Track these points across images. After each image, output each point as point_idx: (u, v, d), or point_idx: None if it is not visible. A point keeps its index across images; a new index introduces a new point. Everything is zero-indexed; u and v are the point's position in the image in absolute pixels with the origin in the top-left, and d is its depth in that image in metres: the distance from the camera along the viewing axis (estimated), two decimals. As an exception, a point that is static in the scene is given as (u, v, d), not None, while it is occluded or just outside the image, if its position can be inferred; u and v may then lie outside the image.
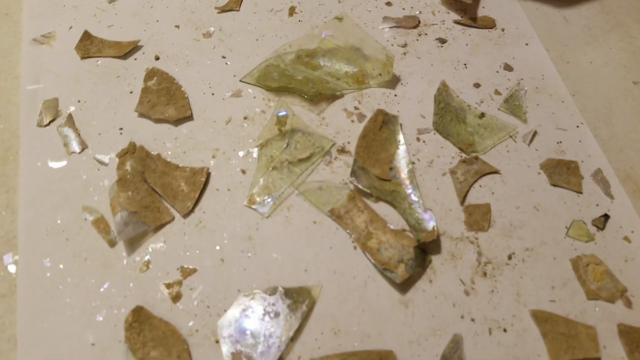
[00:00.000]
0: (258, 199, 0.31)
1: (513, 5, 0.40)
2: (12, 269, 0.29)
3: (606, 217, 0.31)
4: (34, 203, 0.31)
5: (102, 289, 0.28)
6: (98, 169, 0.32)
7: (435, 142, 0.34)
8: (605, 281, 0.29)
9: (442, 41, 0.38)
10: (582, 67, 0.37)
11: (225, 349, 0.27)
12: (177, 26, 0.38)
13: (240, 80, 0.35)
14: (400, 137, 0.33)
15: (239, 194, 0.32)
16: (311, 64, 0.36)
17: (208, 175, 0.32)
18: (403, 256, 0.29)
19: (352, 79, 0.35)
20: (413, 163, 0.33)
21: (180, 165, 0.32)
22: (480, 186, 0.32)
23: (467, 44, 0.38)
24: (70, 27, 0.38)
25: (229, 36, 0.38)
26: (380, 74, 0.35)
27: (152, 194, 0.31)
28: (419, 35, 0.38)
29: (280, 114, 0.34)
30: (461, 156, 0.33)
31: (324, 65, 0.36)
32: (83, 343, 0.27)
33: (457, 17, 0.39)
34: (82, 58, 0.36)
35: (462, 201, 0.31)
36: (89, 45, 0.37)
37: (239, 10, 0.39)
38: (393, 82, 0.36)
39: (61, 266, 0.29)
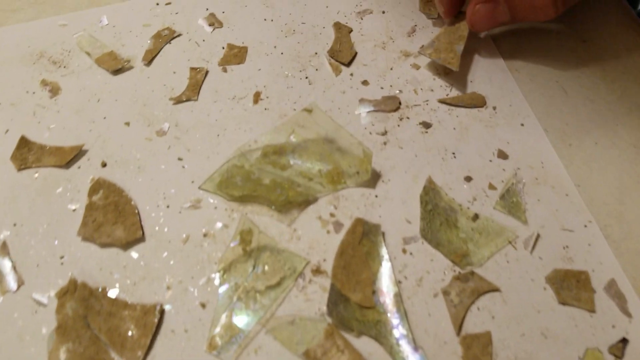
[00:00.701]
0: (220, 342, 0.27)
1: (505, 76, 0.36)
2: None
3: (624, 341, 0.27)
4: (-41, 359, 0.27)
5: None
6: (35, 312, 0.28)
7: (424, 254, 0.30)
8: None
9: (427, 125, 0.34)
10: (586, 150, 0.33)
11: None
12: (127, 123, 0.34)
13: (199, 188, 0.31)
14: (384, 251, 0.29)
15: (198, 335, 0.28)
16: (279, 163, 0.32)
17: (162, 313, 0.28)
18: (392, 409, 0.25)
19: (327, 178, 0.31)
20: (399, 282, 0.29)
21: (129, 303, 0.28)
22: (478, 309, 0.28)
23: (454, 128, 0.34)
24: (7, 131, 0.34)
25: (185, 132, 0.34)
26: (357, 172, 0.31)
27: (97, 342, 0.27)
28: (400, 119, 0.34)
29: (244, 227, 0.30)
30: (454, 270, 0.29)
31: (294, 164, 0.32)
32: None
33: (442, 95, 0.35)
34: (19, 170, 0.32)
35: (459, 331, 0.27)
36: (26, 154, 0.33)
37: (197, 100, 0.35)
38: (373, 179, 0.32)
39: None
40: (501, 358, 0.27)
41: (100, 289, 0.28)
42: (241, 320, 0.28)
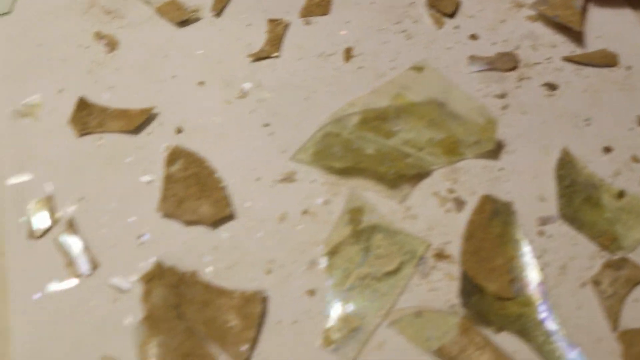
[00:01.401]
0: (337, 337, 0.25)
1: (636, 30, 0.33)
2: None
3: None
4: (35, 353, 0.24)
5: None
6: (115, 299, 0.26)
7: (565, 237, 0.27)
8: None
9: (552, 87, 0.31)
10: None
11: None
12: (201, 83, 0.31)
13: (292, 159, 0.29)
14: (519, 234, 0.26)
15: (309, 327, 0.25)
16: (383, 130, 0.29)
17: (265, 301, 0.25)
18: (548, 417, 0.22)
19: (440, 148, 0.29)
20: (542, 269, 0.26)
21: (225, 289, 0.25)
22: (634, 301, 0.25)
23: (585, 90, 0.31)
24: (60, 90, 0.31)
25: (269, 94, 0.31)
26: (477, 141, 0.28)
27: (193, 335, 0.25)
28: (520, 79, 0.31)
29: (354, 205, 0.27)
30: (603, 256, 0.26)
31: (400, 131, 0.29)
32: None
33: (567, 52, 0.32)
34: (80, 135, 0.30)
35: (615, 326, 0.25)
36: (86, 117, 0.30)
37: (278, 57, 0.32)
38: (495, 149, 0.29)
39: None
40: (668, 358, 0.24)
41: (190, 274, 0.26)
42: (358, 311, 0.25)
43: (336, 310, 0.25)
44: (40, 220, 0.27)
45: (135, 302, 0.26)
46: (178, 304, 0.25)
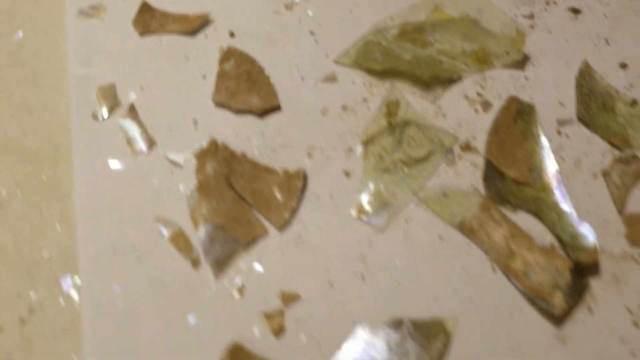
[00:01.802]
0: (369, 209, 0.28)
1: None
2: (74, 295, 0.26)
3: None
4: (95, 214, 0.28)
5: (186, 322, 0.25)
6: (172, 172, 0.29)
7: (581, 136, 0.30)
8: None
9: (576, 11, 0.34)
10: None
11: None
12: (252, -5, 0.34)
13: (335, 62, 0.32)
14: (540, 131, 0.29)
15: (344, 201, 0.28)
16: (420, 41, 0.32)
17: (305, 178, 0.28)
18: (558, 281, 0.25)
19: (472, 58, 0.31)
20: (558, 162, 0.29)
21: (271, 167, 0.29)
22: (642, 191, 0.28)
23: (605, 15, 0.34)
24: (123, -3, 0.34)
25: (316, 6, 0.34)
26: (507, 52, 0.31)
27: (241, 203, 0.28)
28: (547, 4, 0.34)
29: (391, 98, 0.30)
30: (614, 153, 0.29)
31: (436, 42, 0.32)
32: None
33: (591, -19, 0.34)
34: (142, 35, 0.33)
35: (621, 210, 0.28)
36: (149, 19, 0.33)
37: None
38: (522, 62, 0.32)
39: (134, 293, 0.26)
40: (671, 240, 0.27)
41: (240, 152, 0.29)
42: (389, 188, 0.28)
43: (369, 188, 0.29)
44: (104, 104, 0.31)
45: (189, 174, 0.29)
46: (228, 176, 0.29)
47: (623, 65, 0.32)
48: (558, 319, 0.25)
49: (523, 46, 0.31)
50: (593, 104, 0.30)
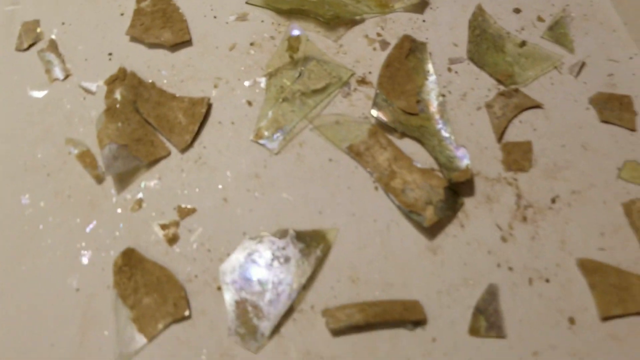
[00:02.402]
0: (266, 134, 0.29)
1: None
2: (-14, 207, 0.28)
3: (665, 159, 0.29)
4: (11, 135, 0.30)
5: (88, 229, 0.27)
6: (84, 98, 0.31)
7: (470, 73, 0.32)
8: (664, 228, 0.28)
9: (477, -38, 0.35)
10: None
11: (229, 296, 0.26)
12: (174, -58, 0.36)
13: (247, 3, 0.33)
14: (430, 67, 0.31)
15: (244, 127, 0.30)
16: (327, -15, 0.34)
17: (209, 106, 0.30)
18: (432, 198, 0.27)
19: (374, 1, 0.33)
20: (444, 95, 0.31)
21: (177, 95, 0.30)
22: (520, 122, 0.30)
23: (505, -34, 0.35)
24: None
25: (231, -46, 0.35)
26: (406, -4, 0.33)
27: (145, 126, 0.29)
28: (451, -45, 0.36)
29: (293, 34, 0.32)
30: (499, 88, 0.31)
31: (342, -14, 0.34)
32: (66, 289, 0.26)
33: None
34: (65, -24, 0.34)
35: (500, 138, 0.30)
36: (73, -38, 0.35)
37: None
38: (421, 6, 0.34)
39: (42, 204, 0.28)
40: (540, 164, 0.29)
41: (148, 82, 0.31)
42: (287, 115, 0.30)
43: (268, 115, 0.30)
44: (27, 38, 0.32)
45: (100, 101, 0.31)
46: (135, 101, 0.30)
47: (517, 10, 0.34)
48: (429, 231, 0.27)
49: (420, -11, 0.33)
50: (484, 44, 0.32)
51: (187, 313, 0.25)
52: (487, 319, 0.26)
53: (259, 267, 0.26)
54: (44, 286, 0.26)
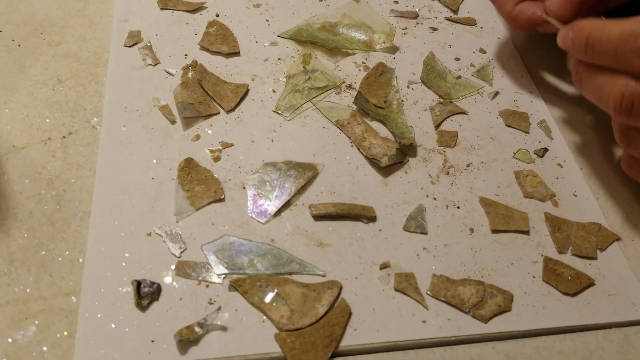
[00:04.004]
0: (283, 107, 0.44)
1: (490, 9, 0.55)
2: (97, 128, 0.42)
3: (545, 149, 0.44)
4: (116, 90, 0.44)
5: (162, 147, 0.41)
6: (166, 77, 0.46)
7: (421, 90, 0.47)
8: (539, 187, 0.42)
9: (434, 29, 0.52)
10: (540, 55, 0.51)
11: (250, 192, 0.39)
12: (234, -2, 0.53)
13: (278, 36, 0.50)
14: (395, 83, 0.47)
15: (269, 104, 0.45)
16: (332, 32, 0.50)
17: (247, 90, 0.45)
18: (387, 152, 0.42)
19: (363, 44, 0.50)
20: (402, 101, 0.46)
21: (228, 81, 0.46)
22: (451, 120, 0.45)
23: (452, 33, 0.52)
24: (153, -9, 0.53)
25: (272, 8, 0.53)
26: (384, 42, 0.50)
27: (205, 95, 0.45)
28: (417, 24, 0.53)
29: (306, 53, 0.48)
30: (439, 100, 0.47)
31: (342, 33, 0.50)
32: (146, 177, 0.39)
33: (448, 16, 0.54)
34: (162, 9, 0.51)
35: (437, 127, 0.45)
36: (167, 1, 0.52)
37: (281, -6, 0.54)
38: (393, 50, 0.50)
39: (133, 132, 0.42)
40: (462, 144, 0.44)
41: (210, 72, 0.46)
42: (297, 99, 0.45)
43: (285, 98, 0.46)
44: (131, 39, 0.49)
45: (176, 81, 0.46)
46: (200, 80, 0.46)
47: (457, 59, 0.50)
48: (384, 171, 0.41)
49: (393, 38, 0.50)
50: (432, 74, 0.48)
51: (222, 197, 0.39)
52: (415, 222, 0.39)
53: (271, 177, 0.40)
54: (133, 174, 0.39)
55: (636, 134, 0.34)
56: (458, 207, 0.39)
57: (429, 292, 0.35)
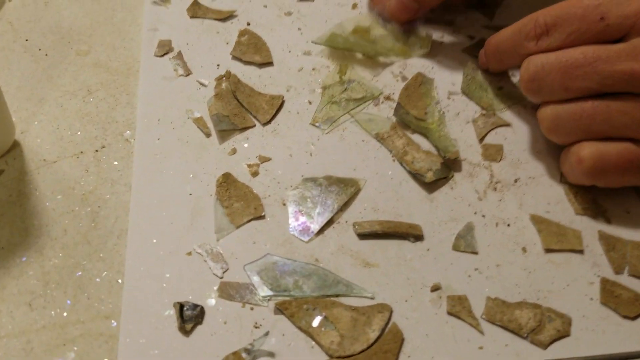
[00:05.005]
0: (320, 120, 0.43)
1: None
2: (131, 141, 0.41)
3: (593, 163, 0.42)
4: (148, 102, 0.43)
5: (198, 161, 0.40)
6: (199, 88, 0.44)
7: (462, 101, 0.46)
8: (591, 204, 0.40)
9: (472, 37, 0.51)
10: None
11: (291, 208, 0.38)
12: (265, 6, 0.52)
13: (312, 42, 0.48)
14: (435, 94, 0.45)
15: (305, 116, 0.43)
16: (367, 37, 0.49)
17: (283, 101, 0.44)
18: (432, 167, 0.40)
19: (400, 50, 0.48)
20: (443, 112, 0.45)
21: (262, 92, 0.44)
22: (495, 133, 0.44)
23: (491, 42, 0.51)
24: (182, -2, 0.52)
25: (304, 16, 0.51)
26: (420, 47, 0.48)
27: (240, 107, 0.43)
28: (453, 31, 0.51)
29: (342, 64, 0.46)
30: (482, 112, 0.45)
31: (377, 39, 0.49)
32: (183, 193, 0.38)
33: (485, 23, 0.52)
34: (191, 17, 0.50)
35: (481, 141, 0.43)
36: (197, 9, 0.50)
37: (314, 1, 0.53)
38: (431, 58, 0.48)
39: (168, 145, 0.41)
40: (508, 159, 0.42)
41: (244, 82, 0.45)
42: (334, 110, 0.44)
43: (323, 110, 0.44)
44: (162, 49, 0.47)
45: (210, 91, 0.44)
46: (235, 91, 0.44)
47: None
48: (428, 187, 0.40)
49: (429, 45, 0.48)
50: (473, 85, 0.47)
51: (263, 214, 0.37)
52: (465, 241, 0.37)
53: (312, 193, 0.38)
54: (170, 189, 0.38)
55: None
56: (508, 225, 0.38)
57: (484, 316, 0.33)
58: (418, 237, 0.37)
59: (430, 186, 0.40)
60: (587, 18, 0.34)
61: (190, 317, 0.31)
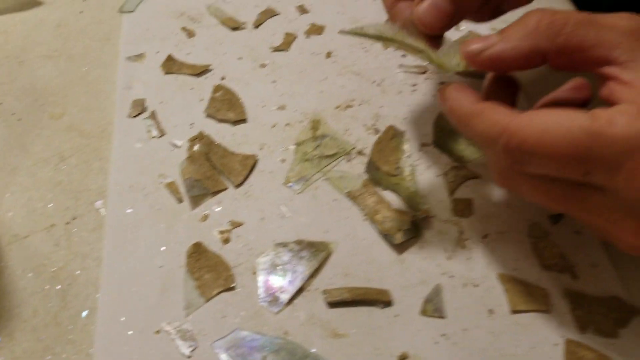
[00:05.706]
0: (293, 180, 0.43)
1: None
2: (102, 211, 0.41)
3: (559, 215, 0.42)
4: (121, 167, 0.43)
5: (169, 230, 0.40)
6: (172, 150, 0.45)
7: (433, 153, 0.46)
8: (558, 259, 0.40)
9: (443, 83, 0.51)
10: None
11: (261, 278, 0.38)
12: (240, 58, 0.52)
13: (339, 32, 0.48)
14: (406, 147, 0.46)
15: (278, 176, 0.44)
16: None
17: (256, 160, 0.44)
18: (401, 226, 0.40)
19: (438, 62, 0.48)
20: (414, 166, 0.45)
21: (235, 152, 0.45)
22: (465, 186, 0.44)
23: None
24: (157, 52, 0.52)
25: (279, 68, 0.51)
26: (458, 64, 0.47)
27: (213, 169, 0.43)
28: (426, 79, 0.51)
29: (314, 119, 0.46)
30: (452, 164, 0.45)
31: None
32: (154, 266, 0.38)
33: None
34: (166, 73, 0.50)
35: (451, 195, 0.43)
36: (171, 65, 0.51)
37: (288, 51, 0.53)
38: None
39: (139, 214, 0.41)
40: (478, 212, 0.42)
41: (217, 142, 0.45)
42: (307, 170, 0.44)
43: (295, 169, 0.44)
44: (135, 109, 0.47)
45: (183, 153, 0.45)
46: (207, 153, 0.44)
47: (468, 117, 0.49)
48: (398, 248, 0.40)
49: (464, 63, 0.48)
50: (443, 136, 0.47)
51: (233, 285, 0.37)
52: (433, 305, 0.37)
53: (283, 261, 0.39)
54: (140, 263, 0.38)
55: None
56: (476, 286, 0.38)
57: (450, 387, 0.33)
58: (387, 303, 0.37)
59: (400, 246, 0.40)
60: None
61: (159, 400, 0.31)
